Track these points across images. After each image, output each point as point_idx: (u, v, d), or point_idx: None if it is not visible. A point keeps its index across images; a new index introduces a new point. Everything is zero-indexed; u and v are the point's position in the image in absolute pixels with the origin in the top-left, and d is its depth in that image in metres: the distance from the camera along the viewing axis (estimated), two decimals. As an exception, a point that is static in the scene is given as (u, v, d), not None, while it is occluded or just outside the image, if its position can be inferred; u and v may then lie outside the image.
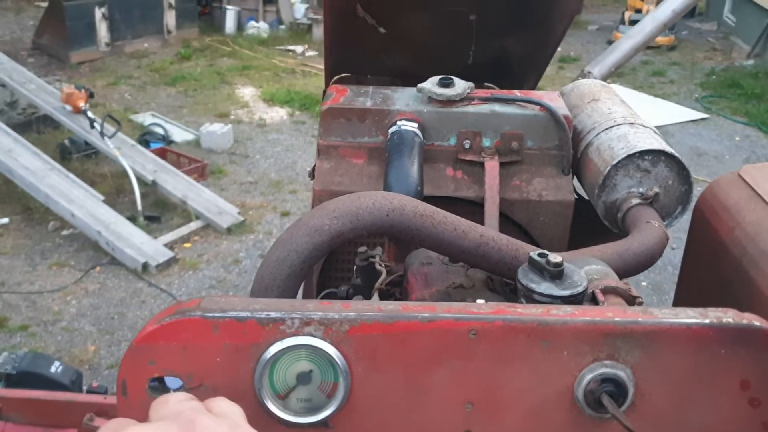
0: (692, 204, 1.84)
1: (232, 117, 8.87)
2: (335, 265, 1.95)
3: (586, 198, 1.86)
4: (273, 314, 0.88)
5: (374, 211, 1.25)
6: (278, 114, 9.04)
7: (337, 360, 0.90)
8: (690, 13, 13.83)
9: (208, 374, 0.89)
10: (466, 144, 1.80)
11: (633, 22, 12.30)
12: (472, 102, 1.84)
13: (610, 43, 12.39)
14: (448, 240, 1.31)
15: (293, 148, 8.10)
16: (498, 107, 1.83)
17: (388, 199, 1.28)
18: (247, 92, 9.72)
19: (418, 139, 1.74)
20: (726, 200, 1.85)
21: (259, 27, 12.09)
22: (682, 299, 1.97)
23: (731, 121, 9.17)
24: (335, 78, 2.77)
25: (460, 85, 1.84)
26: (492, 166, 1.78)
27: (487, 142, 1.81)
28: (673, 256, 5.21)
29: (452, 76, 1.87)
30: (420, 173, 1.65)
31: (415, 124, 1.77)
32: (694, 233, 1.86)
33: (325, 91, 2.47)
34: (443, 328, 0.87)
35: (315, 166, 1.84)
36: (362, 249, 1.59)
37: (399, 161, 1.64)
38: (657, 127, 6.83)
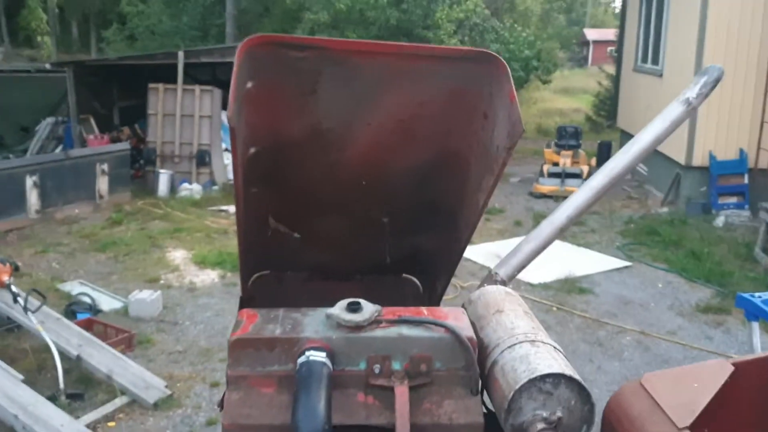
0: (598, 418, 1.88)
1: (162, 282, 8.76)
2: None
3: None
4: None
5: None
6: (209, 276, 8.99)
7: None
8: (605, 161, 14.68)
9: None
10: (376, 368, 1.83)
11: (551, 175, 12.98)
12: (381, 325, 1.89)
13: (532, 194, 13.01)
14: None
15: (224, 312, 7.99)
16: (406, 330, 1.88)
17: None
18: (178, 255, 9.68)
19: (327, 369, 1.76)
20: (630, 411, 1.90)
21: (192, 189, 12.24)
22: None
23: (653, 267, 9.53)
24: (254, 277, 2.80)
25: (368, 309, 1.89)
26: (402, 392, 1.80)
27: (396, 366, 1.85)
28: None
29: (360, 300, 1.93)
30: (328, 409, 1.66)
31: (324, 353, 1.79)
32: (604, 444, 1.90)
33: (240, 303, 2.50)
34: None
35: (224, 395, 1.83)
36: None
37: (306, 398, 1.65)
38: (583, 276, 7.01)
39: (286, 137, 2.22)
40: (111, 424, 5.89)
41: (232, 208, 11.71)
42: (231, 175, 12.83)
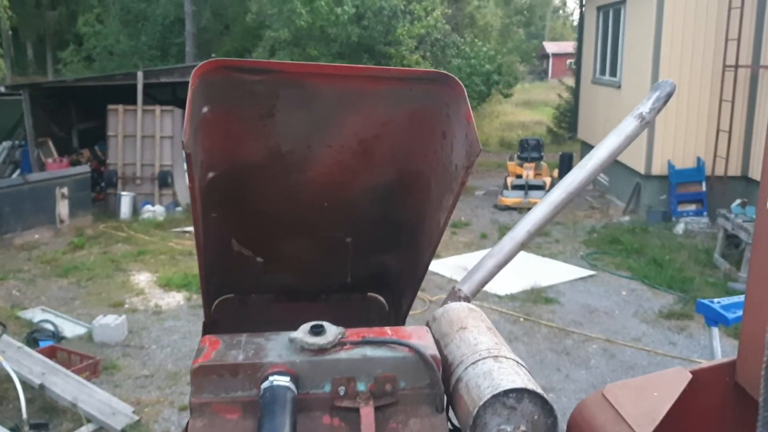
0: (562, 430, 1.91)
1: (126, 306, 8.64)
2: None
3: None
4: None
5: None
6: (175, 299, 8.89)
7: None
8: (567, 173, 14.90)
9: None
10: (341, 390, 1.83)
11: (515, 187, 13.12)
12: (344, 347, 1.89)
13: (496, 207, 13.14)
14: None
15: (191, 335, 7.91)
16: (369, 351, 1.89)
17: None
18: (142, 278, 9.56)
19: (291, 393, 1.76)
20: (593, 422, 1.93)
21: (154, 210, 12.11)
22: None
23: (616, 276, 9.68)
24: (218, 301, 2.79)
25: (332, 332, 1.90)
26: (367, 413, 1.81)
27: (361, 387, 1.85)
28: None
29: (323, 323, 1.93)
30: (292, 433, 1.66)
31: (288, 378, 1.79)
32: (568, 457, 1.92)
33: (204, 329, 2.48)
34: None
35: (188, 424, 1.82)
36: None
37: (271, 422, 1.65)
38: (548, 286, 7.08)
39: (244, 161, 2.23)
40: (77, 453, 5.78)
41: (196, 229, 11.62)
42: (194, 197, 12.73)
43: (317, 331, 1.88)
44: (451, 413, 1.97)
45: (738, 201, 10.20)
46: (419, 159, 2.29)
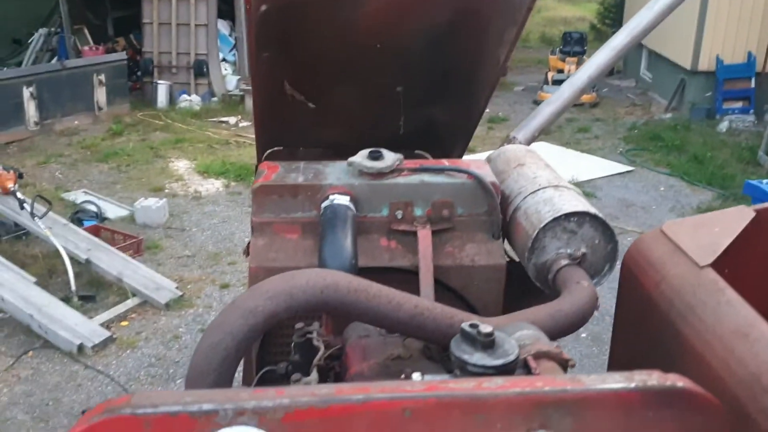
0: (619, 261, 1.90)
1: (166, 191, 8.77)
2: (274, 341, 1.93)
3: (518, 260, 1.90)
4: (205, 406, 0.87)
5: (308, 289, 1.26)
6: (213, 186, 8.99)
7: None
8: (609, 71, 14.48)
9: None
10: (398, 214, 1.84)
11: (556, 82, 12.80)
12: (402, 173, 1.89)
13: (536, 102, 12.86)
14: (383, 313, 1.32)
15: (230, 220, 8.03)
16: (427, 177, 1.88)
17: (321, 276, 1.29)
18: (181, 165, 9.66)
19: (351, 212, 1.76)
20: (651, 255, 1.92)
21: (191, 100, 12.10)
22: (617, 353, 2.02)
23: (655, 172, 9.53)
24: (267, 152, 2.78)
25: (390, 157, 1.88)
26: (425, 235, 1.81)
27: (418, 212, 1.85)
28: (611, 306, 5.33)
29: (381, 149, 1.92)
30: (354, 246, 1.67)
31: (347, 198, 1.79)
32: (623, 289, 1.92)
33: (257, 168, 2.48)
34: (378, 409, 0.88)
35: (249, 243, 1.85)
36: (299, 325, 1.59)
37: (333, 236, 1.66)
38: (586, 181, 7.00)
39: None
40: (124, 323, 6.00)
41: (232, 120, 11.61)
42: (229, 86, 12.66)
43: (376, 155, 1.87)
44: (506, 246, 1.97)
45: (788, 98, 9.87)
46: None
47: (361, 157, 1.87)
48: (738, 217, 1.95)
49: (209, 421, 0.87)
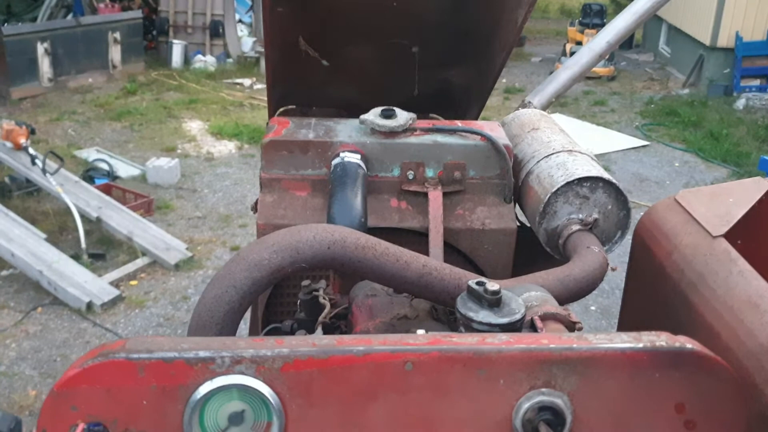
0: (631, 229, 1.87)
1: (179, 151, 8.77)
2: (280, 299, 1.92)
3: (528, 225, 1.88)
4: (202, 353, 0.85)
5: (315, 244, 1.24)
6: (226, 147, 8.98)
7: (270, 398, 0.88)
8: (628, 44, 14.29)
9: (134, 419, 0.86)
10: (410, 174, 1.81)
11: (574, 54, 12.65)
12: (415, 133, 1.86)
13: (552, 73, 12.72)
14: (390, 271, 1.30)
15: (242, 182, 8.03)
16: (440, 138, 1.85)
17: (329, 231, 1.27)
18: (194, 126, 9.64)
19: (362, 170, 1.74)
20: (663, 225, 1.89)
21: (206, 61, 12.03)
22: (625, 322, 2.00)
23: (670, 147, 9.44)
24: (280, 110, 2.76)
25: (402, 116, 1.85)
26: (435, 196, 1.79)
27: (430, 173, 1.83)
28: (620, 280, 5.30)
29: (394, 108, 1.88)
30: (364, 205, 1.65)
31: (358, 156, 1.77)
32: (635, 257, 1.90)
33: (268, 124, 2.46)
34: (379, 361, 0.86)
35: (258, 199, 1.83)
36: (306, 282, 1.57)
37: (342, 193, 1.64)
38: (600, 155, 6.92)
39: None
40: (133, 282, 6.04)
41: (247, 81, 11.55)
42: (245, 48, 12.56)
43: (388, 114, 1.84)
44: (518, 210, 1.94)
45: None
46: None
47: (373, 115, 1.85)
48: (754, 188, 1.92)
49: (205, 368, 0.86)
